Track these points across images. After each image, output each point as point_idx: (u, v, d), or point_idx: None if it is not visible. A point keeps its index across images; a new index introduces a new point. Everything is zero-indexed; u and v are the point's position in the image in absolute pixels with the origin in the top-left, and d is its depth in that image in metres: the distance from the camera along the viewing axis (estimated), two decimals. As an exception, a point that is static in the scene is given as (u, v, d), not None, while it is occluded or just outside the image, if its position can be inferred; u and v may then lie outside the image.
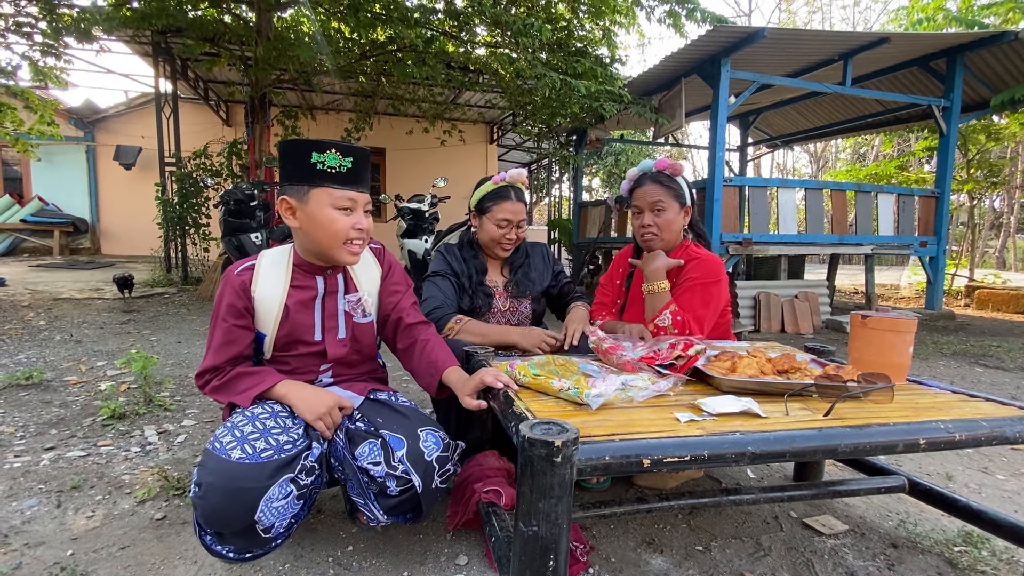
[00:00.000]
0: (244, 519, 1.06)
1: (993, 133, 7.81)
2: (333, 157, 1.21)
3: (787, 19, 22.42)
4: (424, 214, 5.37)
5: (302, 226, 1.25)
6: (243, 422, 1.16)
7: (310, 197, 1.22)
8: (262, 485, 1.06)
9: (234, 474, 1.05)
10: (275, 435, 1.14)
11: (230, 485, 1.04)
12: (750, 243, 5.07)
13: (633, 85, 5.80)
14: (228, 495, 1.04)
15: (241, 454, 1.08)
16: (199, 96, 8.14)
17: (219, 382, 1.25)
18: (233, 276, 1.29)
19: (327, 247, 1.26)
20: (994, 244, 18.43)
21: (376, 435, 1.23)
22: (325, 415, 1.23)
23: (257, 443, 1.11)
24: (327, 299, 1.34)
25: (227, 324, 1.26)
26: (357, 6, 4.69)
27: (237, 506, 1.05)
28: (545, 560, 0.89)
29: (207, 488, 1.05)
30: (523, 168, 1.98)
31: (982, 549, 1.41)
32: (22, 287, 5.82)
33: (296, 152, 1.22)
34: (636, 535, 1.45)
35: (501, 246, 1.84)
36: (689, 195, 1.79)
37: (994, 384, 3.21)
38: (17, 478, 1.68)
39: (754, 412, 1.09)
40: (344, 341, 1.36)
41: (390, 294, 1.44)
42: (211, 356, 1.26)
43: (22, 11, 5.05)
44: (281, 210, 1.26)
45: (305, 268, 1.32)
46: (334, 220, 1.23)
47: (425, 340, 1.40)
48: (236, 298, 1.27)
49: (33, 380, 2.63)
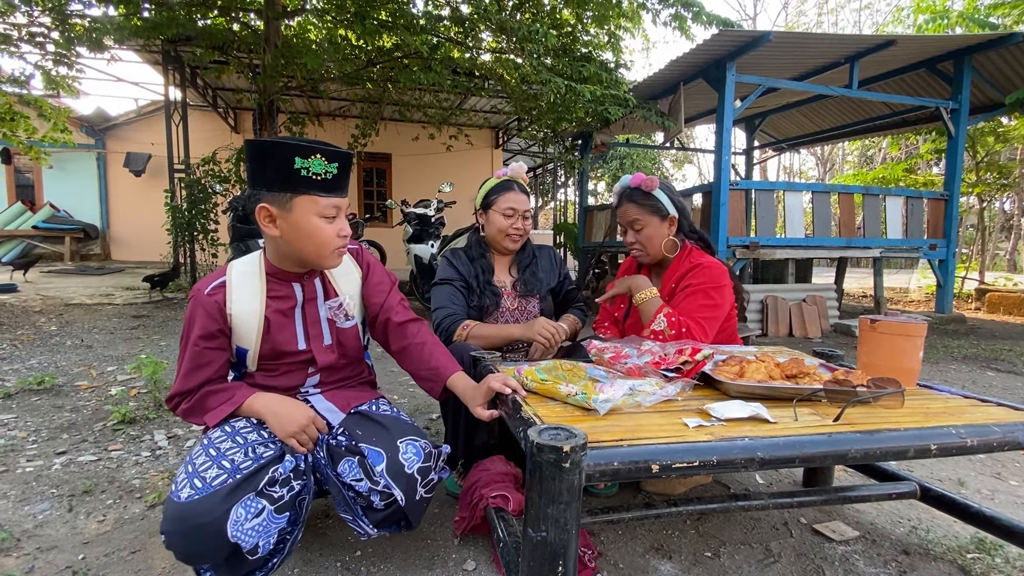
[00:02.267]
0: (221, 549, 1.02)
1: (1002, 135, 7.76)
2: (319, 163, 1.13)
3: (794, 21, 22.39)
4: (430, 219, 5.40)
5: (284, 235, 1.17)
6: (198, 453, 1.12)
7: (294, 205, 1.14)
8: (220, 512, 1.00)
9: (187, 514, 1.00)
10: (229, 456, 1.10)
11: (187, 526, 0.99)
12: (757, 247, 5.05)
13: (639, 89, 5.80)
14: (190, 536, 1.00)
15: (190, 491, 1.02)
16: (208, 103, 8.23)
17: (188, 404, 1.20)
18: (204, 296, 1.20)
19: (313, 256, 1.20)
20: (1005, 247, 18.24)
21: (355, 451, 1.20)
22: (298, 432, 1.18)
23: (208, 472, 1.06)
24: (307, 306, 1.29)
25: (198, 348, 1.19)
26: (364, 14, 4.73)
27: (205, 541, 1.00)
28: (554, 566, 0.89)
29: (169, 536, 1.01)
30: (523, 164, 2.00)
31: (995, 556, 1.39)
32: (33, 293, 5.89)
33: (274, 155, 1.12)
34: (644, 541, 1.44)
35: (510, 237, 1.85)
36: (673, 205, 1.80)
37: (1006, 388, 3.18)
38: (29, 482, 1.70)
39: (763, 417, 1.09)
40: (331, 347, 1.33)
41: (374, 294, 1.39)
42: (180, 380, 1.20)
43: (35, 21, 5.13)
44: (259, 218, 1.16)
45: (280, 276, 1.26)
46: (320, 229, 1.17)
47: (421, 343, 1.36)
48: (209, 321, 1.19)
49: (45, 385, 2.66)
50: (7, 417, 2.26)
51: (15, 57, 5.33)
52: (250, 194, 1.17)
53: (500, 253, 1.93)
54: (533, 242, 1.99)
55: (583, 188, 8.35)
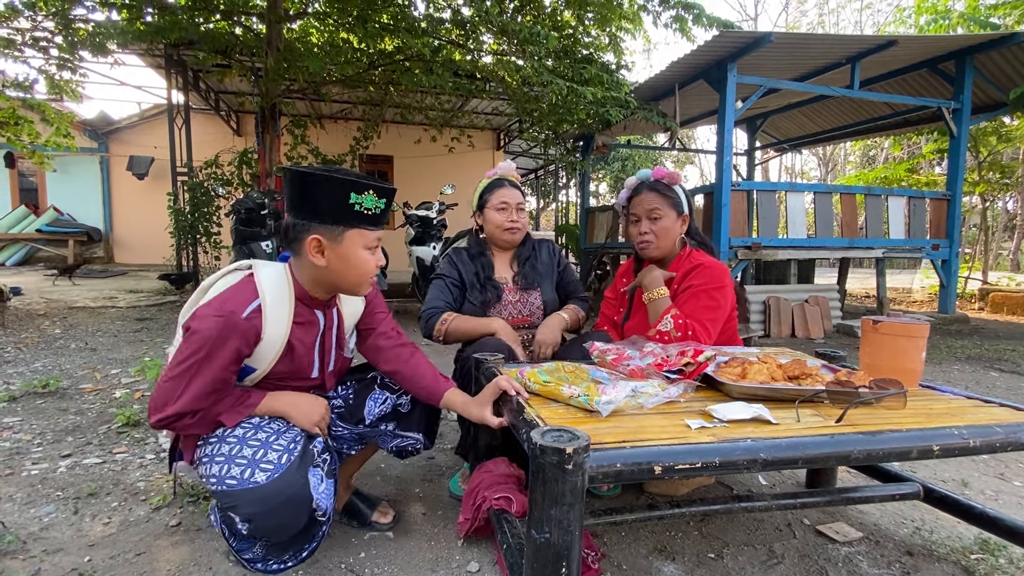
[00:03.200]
0: (305, 514, 1.15)
1: (1004, 135, 7.74)
2: (370, 199, 1.18)
3: (795, 21, 22.38)
4: (432, 221, 5.40)
5: (330, 265, 1.20)
6: (236, 450, 1.14)
7: (344, 238, 1.18)
8: (302, 481, 1.14)
9: (273, 492, 1.09)
10: (274, 442, 1.17)
11: (276, 502, 1.09)
12: (759, 247, 5.05)
13: (640, 91, 5.81)
14: (280, 509, 1.10)
15: (265, 474, 1.10)
16: (210, 107, 8.27)
17: (192, 420, 1.14)
18: (242, 321, 1.14)
19: (354, 285, 1.25)
20: (1008, 246, 18.17)
21: (368, 387, 1.43)
22: (320, 421, 1.28)
23: (268, 456, 1.13)
24: (326, 334, 1.33)
25: (225, 373, 1.15)
26: (365, 17, 4.75)
27: (295, 510, 1.12)
28: (557, 567, 0.89)
29: (259, 517, 1.09)
30: (511, 163, 2.04)
31: (999, 556, 1.39)
32: (37, 296, 5.92)
33: (332, 190, 1.15)
34: (647, 542, 1.44)
35: (508, 231, 1.87)
36: (687, 204, 1.81)
37: (1010, 389, 3.17)
38: (35, 485, 1.70)
39: (765, 419, 1.09)
40: (334, 372, 1.40)
41: (372, 320, 1.45)
42: (188, 401, 1.11)
43: (39, 26, 5.16)
44: (308, 248, 1.18)
45: (307, 303, 1.27)
46: (365, 261, 1.22)
47: (414, 366, 1.42)
48: (244, 347, 1.16)
49: (50, 388, 2.67)
50: (12, 420, 2.28)
51: (19, 61, 5.36)
52: (295, 223, 1.19)
53: (501, 248, 1.95)
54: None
55: (584, 190, 8.35)
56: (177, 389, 1.11)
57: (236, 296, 1.18)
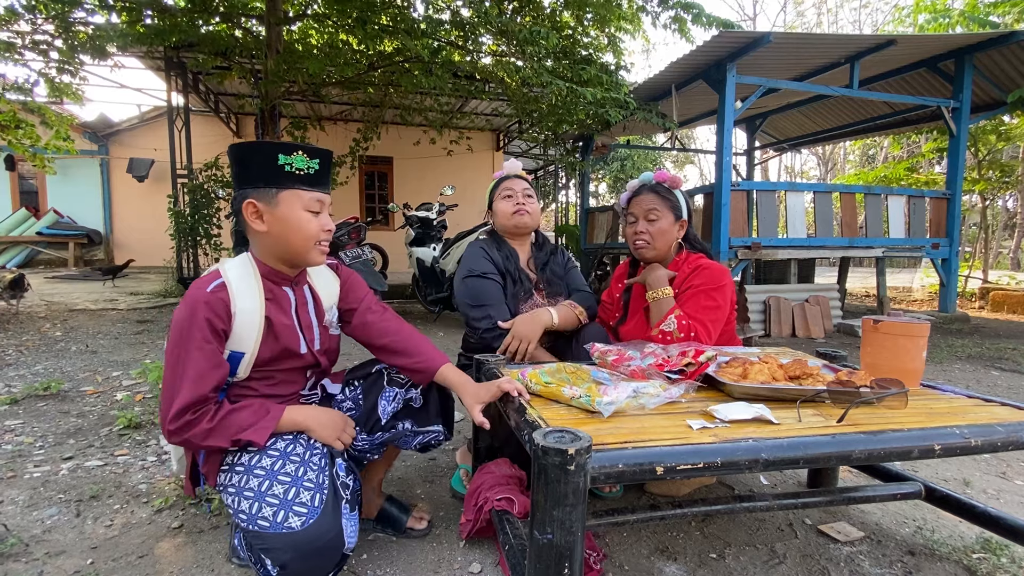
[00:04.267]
0: (338, 557, 1.12)
1: (1004, 133, 7.75)
2: (301, 159, 1.18)
3: (794, 21, 22.40)
4: (432, 222, 5.41)
5: (271, 230, 1.20)
6: (266, 486, 1.10)
7: (280, 200, 1.18)
8: (336, 528, 1.10)
9: (307, 539, 1.05)
10: (303, 477, 1.12)
11: (311, 548, 1.05)
12: (759, 247, 5.05)
13: (639, 91, 5.81)
14: (314, 557, 1.06)
15: (299, 519, 1.06)
16: (210, 109, 8.27)
17: (210, 424, 1.09)
18: (206, 293, 1.13)
19: (300, 249, 1.22)
20: (1008, 245, 18.17)
21: (377, 383, 1.39)
22: (342, 433, 1.26)
23: (301, 497, 1.09)
24: (300, 310, 1.31)
25: (211, 346, 1.12)
26: (364, 19, 4.75)
27: (328, 558, 1.09)
28: (560, 568, 0.90)
29: (293, 563, 1.04)
30: (515, 161, 2.02)
31: (1001, 556, 1.39)
32: (38, 298, 5.92)
33: (258, 154, 1.18)
34: (649, 543, 1.45)
35: (516, 214, 1.85)
36: (687, 210, 1.81)
37: (1011, 388, 3.17)
38: (37, 487, 1.71)
39: (766, 419, 1.09)
40: (322, 351, 1.36)
41: (352, 300, 1.43)
42: (189, 388, 1.07)
43: (39, 29, 5.17)
44: (247, 214, 1.19)
45: (273, 279, 1.26)
46: (307, 222, 1.21)
47: (406, 337, 1.39)
48: (215, 318, 1.13)
49: (51, 391, 2.67)
50: (14, 423, 2.28)
51: (19, 65, 5.37)
52: (237, 194, 1.20)
53: (513, 237, 1.92)
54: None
55: (584, 190, 8.36)
56: (174, 384, 1.09)
57: (203, 280, 1.19)
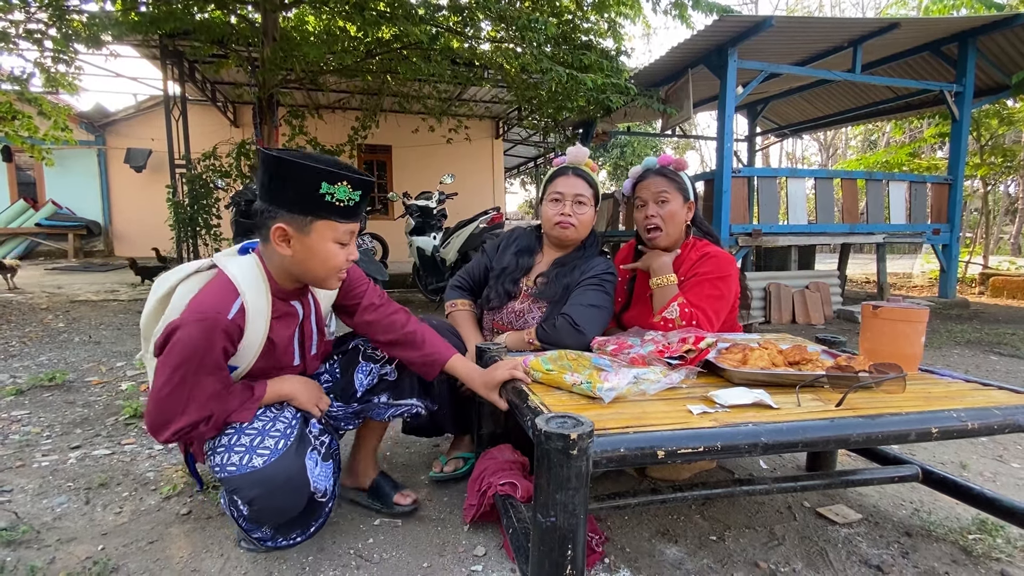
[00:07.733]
0: (304, 496, 1.18)
1: (1006, 118, 7.69)
2: (343, 190, 1.11)
3: (796, 4, 22.10)
4: (432, 211, 5.40)
5: (296, 256, 1.16)
6: (235, 440, 1.17)
7: (312, 229, 1.13)
8: (299, 464, 1.17)
9: (271, 475, 1.12)
10: (270, 429, 1.20)
11: (275, 484, 1.13)
12: (760, 234, 5.05)
13: (640, 77, 5.76)
14: (279, 492, 1.13)
15: (262, 459, 1.13)
16: (207, 98, 8.21)
17: (207, 426, 1.13)
18: (227, 321, 1.10)
19: (320, 277, 1.20)
20: (1009, 230, 18.13)
21: (353, 359, 1.41)
22: (318, 399, 1.33)
23: (265, 443, 1.17)
24: (305, 323, 1.33)
25: (220, 373, 1.12)
26: (362, 5, 4.70)
27: (293, 493, 1.16)
28: (563, 550, 0.91)
29: (259, 500, 1.13)
30: (582, 148, 1.88)
31: (997, 536, 1.41)
32: (39, 290, 5.93)
33: (300, 180, 1.09)
34: (650, 526, 1.47)
35: (558, 225, 1.70)
36: (693, 191, 1.80)
37: (1009, 372, 3.19)
38: (46, 476, 1.73)
39: (766, 404, 1.11)
40: (316, 356, 1.41)
41: (353, 297, 1.40)
42: (196, 410, 1.09)
43: (32, 17, 5.12)
44: (274, 237, 1.14)
45: (282, 296, 1.24)
46: (334, 255, 1.17)
47: (412, 332, 1.38)
48: (231, 345, 1.13)
49: (56, 381, 2.69)
50: (21, 413, 2.30)
51: (14, 55, 5.33)
52: (263, 209, 1.14)
53: (552, 246, 1.80)
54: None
55: (584, 177, 8.30)
56: (180, 401, 1.07)
57: (217, 296, 1.12)
